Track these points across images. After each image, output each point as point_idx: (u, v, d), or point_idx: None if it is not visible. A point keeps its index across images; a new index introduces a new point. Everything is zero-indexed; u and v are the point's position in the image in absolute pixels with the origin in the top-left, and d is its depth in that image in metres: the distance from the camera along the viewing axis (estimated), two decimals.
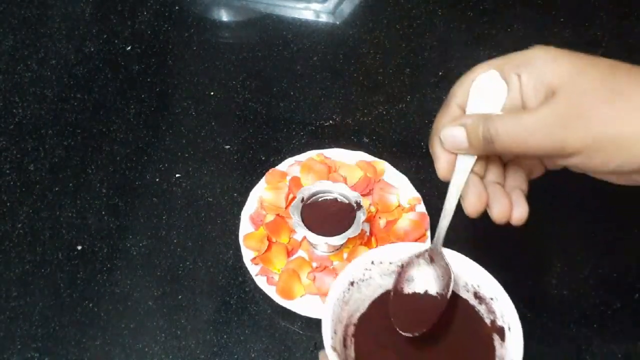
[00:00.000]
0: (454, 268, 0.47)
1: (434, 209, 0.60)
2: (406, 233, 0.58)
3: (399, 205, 0.60)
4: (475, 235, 0.60)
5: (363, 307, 0.48)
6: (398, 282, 0.47)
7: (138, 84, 0.70)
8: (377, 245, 0.58)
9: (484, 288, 0.47)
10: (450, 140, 0.45)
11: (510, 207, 0.47)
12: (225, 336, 0.55)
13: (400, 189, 0.61)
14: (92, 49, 0.73)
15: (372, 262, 0.48)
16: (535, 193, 0.63)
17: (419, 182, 0.61)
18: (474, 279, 0.47)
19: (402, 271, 0.47)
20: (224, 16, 0.79)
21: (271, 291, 0.55)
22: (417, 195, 0.60)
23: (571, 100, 0.41)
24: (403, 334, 0.45)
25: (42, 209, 0.61)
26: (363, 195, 0.59)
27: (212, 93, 0.70)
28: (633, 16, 0.77)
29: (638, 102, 0.40)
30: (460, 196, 0.46)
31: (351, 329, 0.47)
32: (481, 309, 0.48)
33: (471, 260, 0.47)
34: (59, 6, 0.77)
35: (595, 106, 0.40)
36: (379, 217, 0.60)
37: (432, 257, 0.48)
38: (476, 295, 0.48)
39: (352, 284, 0.47)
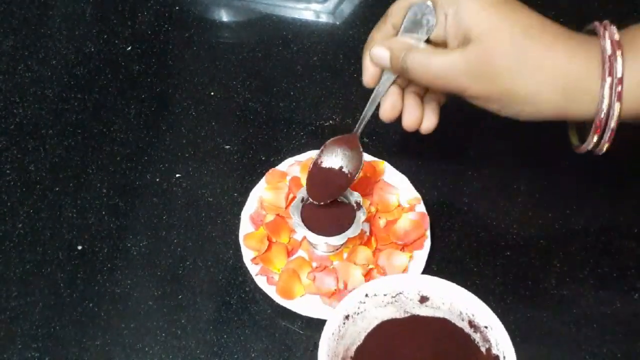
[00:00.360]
0: (449, 298, 0.49)
1: (434, 209, 0.61)
2: (406, 233, 0.58)
3: (399, 205, 0.60)
4: (476, 236, 0.60)
5: (359, 339, 0.49)
6: (319, 157, 0.55)
7: (138, 84, 0.70)
8: (377, 245, 0.58)
9: (478, 317, 0.48)
10: (376, 58, 0.51)
11: (421, 118, 0.54)
12: (225, 336, 0.55)
13: (400, 189, 0.61)
14: (92, 49, 0.73)
15: (367, 295, 0.49)
16: (536, 193, 0.63)
17: (419, 182, 0.62)
18: (468, 308, 0.48)
19: (324, 148, 0.55)
20: (224, 16, 0.79)
21: (271, 291, 0.55)
22: (417, 195, 0.60)
23: (480, 55, 0.46)
24: (314, 201, 0.55)
25: (42, 209, 0.61)
26: (363, 195, 0.59)
27: (212, 93, 0.70)
28: (633, 16, 0.77)
29: (537, 66, 0.45)
30: (379, 103, 0.53)
31: None
32: (476, 337, 0.48)
33: (465, 290, 0.48)
34: (59, 6, 0.77)
35: (500, 67, 0.45)
36: (379, 217, 0.60)
37: (350, 144, 0.55)
38: (471, 324, 0.48)
39: (347, 317, 0.48)
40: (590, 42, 0.47)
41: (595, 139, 0.48)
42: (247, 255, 0.57)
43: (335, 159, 0.56)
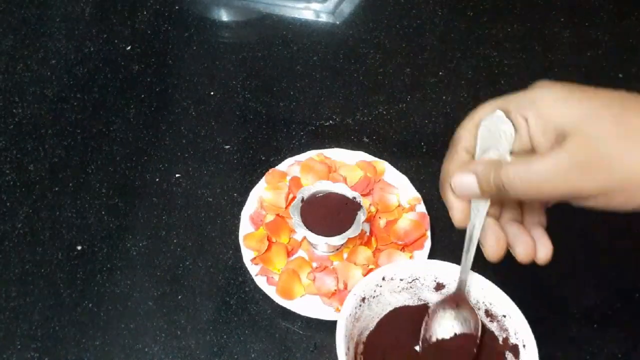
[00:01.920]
0: (466, 286, 0.47)
1: (434, 209, 0.60)
2: (406, 233, 0.58)
3: (399, 205, 0.60)
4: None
5: (372, 325, 0.49)
6: (425, 332, 0.47)
7: (138, 84, 0.70)
8: (377, 245, 0.58)
9: (496, 306, 0.47)
10: (462, 188, 0.44)
11: (534, 245, 0.45)
12: (225, 336, 0.55)
13: (400, 189, 0.61)
14: (92, 49, 0.73)
15: (384, 278, 0.48)
16: None
17: (419, 182, 0.61)
18: (485, 296, 0.47)
19: (427, 320, 0.47)
20: (224, 16, 0.78)
21: (271, 291, 0.55)
22: (417, 195, 0.60)
23: (585, 145, 0.40)
24: None
25: (42, 209, 0.61)
26: (363, 195, 0.59)
27: (212, 93, 0.70)
28: (633, 16, 0.78)
29: None
30: (479, 242, 0.45)
31: (360, 348, 0.48)
32: (492, 326, 0.47)
33: (483, 278, 0.47)
34: (59, 6, 0.77)
35: (611, 151, 0.39)
36: (379, 217, 0.59)
37: (458, 302, 0.47)
38: (487, 313, 0.48)
39: (363, 300, 0.47)
40: None
41: None
42: (247, 255, 0.57)
43: (446, 327, 0.48)
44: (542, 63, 0.74)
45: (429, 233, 0.58)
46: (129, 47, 0.73)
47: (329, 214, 0.56)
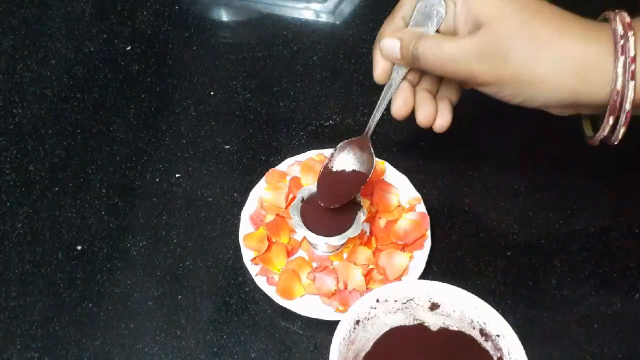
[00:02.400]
0: (461, 306, 0.48)
1: (434, 209, 0.60)
2: (406, 233, 0.58)
3: (399, 205, 0.60)
4: (476, 236, 0.60)
5: (368, 345, 0.48)
6: (329, 161, 0.55)
7: (138, 84, 0.70)
8: (377, 246, 0.58)
9: (490, 325, 0.47)
10: (386, 50, 0.51)
11: (435, 113, 0.53)
12: (225, 336, 0.55)
13: (400, 189, 0.61)
14: (92, 49, 0.73)
15: (377, 300, 0.48)
16: (536, 193, 0.63)
17: (419, 182, 0.61)
18: (480, 316, 0.47)
19: (335, 151, 0.55)
20: (224, 16, 0.78)
21: (271, 291, 0.55)
22: (417, 195, 0.60)
23: (491, 38, 0.46)
24: (325, 205, 0.54)
25: (42, 209, 0.61)
26: (363, 195, 0.59)
27: (212, 93, 0.70)
28: (633, 16, 0.77)
29: (549, 48, 0.45)
30: (390, 100, 0.53)
31: None
32: (487, 346, 0.48)
33: (477, 298, 0.47)
34: (59, 6, 0.77)
35: (510, 47, 0.46)
36: (379, 217, 0.59)
37: (361, 146, 0.55)
38: (482, 332, 0.48)
39: (357, 322, 0.47)
40: (601, 26, 0.47)
41: (610, 122, 0.47)
42: (247, 255, 0.57)
43: (346, 162, 0.55)
44: None
45: (429, 233, 0.58)
46: (129, 47, 0.73)
47: (329, 214, 0.56)
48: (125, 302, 0.56)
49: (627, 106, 0.45)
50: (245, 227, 0.58)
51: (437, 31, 0.50)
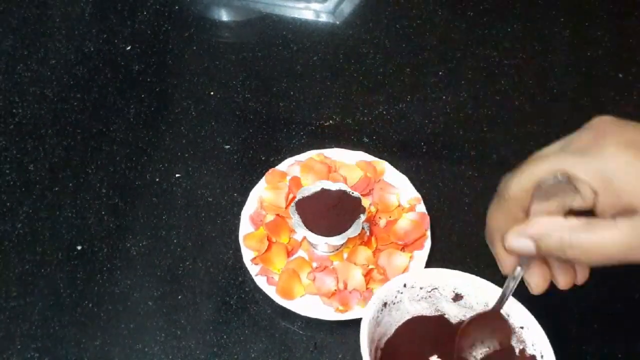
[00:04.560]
0: (485, 298, 0.47)
1: (434, 209, 0.60)
2: (406, 233, 0.58)
3: (399, 205, 0.60)
4: (476, 236, 0.60)
5: (390, 331, 0.48)
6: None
7: (138, 84, 0.70)
8: (377, 245, 0.58)
9: (513, 317, 0.47)
10: (517, 248, 0.42)
11: (574, 273, 0.45)
12: (225, 336, 0.55)
13: (400, 189, 0.61)
14: (92, 49, 0.73)
15: (405, 285, 0.48)
16: None
17: (419, 182, 0.61)
18: (504, 308, 0.47)
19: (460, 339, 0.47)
20: (224, 16, 0.78)
21: (271, 291, 0.55)
22: (417, 195, 0.60)
23: None
24: None
25: (42, 209, 0.61)
26: (363, 195, 0.59)
27: (212, 93, 0.70)
28: (633, 16, 0.77)
29: None
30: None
31: (378, 353, 0.47)
32: (511, 337, 0.47)
33: (500, 289, 0.47)
34: (59, 6, 0.77)
35: None
36: (379, 217, 0.59)
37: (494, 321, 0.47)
38: None
39: (385, 305, 0.47)
40: None
41: None
42: (247, 255, 0.57)
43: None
44: (542, 63, 0.74)
45: (429, 233, 0.58)
46: (129, 47, 0.73)
47: (329, 213, 0.56)
48: (125, 302, 0.56)
49: None
50: (245, 227, 0.58)
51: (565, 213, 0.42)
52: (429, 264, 0.57)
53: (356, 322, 0.54)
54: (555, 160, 0.41)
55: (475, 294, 0.48)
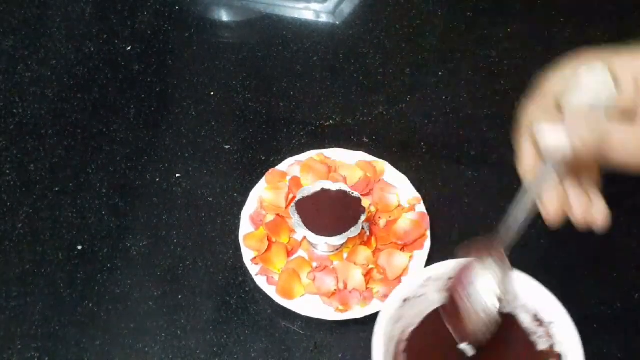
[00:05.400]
0: (514, 288, 0.46)
1: (434, 209, 0.60)
2: (406, 233, 0.58)
3: (399, 205, 0.60)
4: (476, 236, 0.60)
5: (415, 322, 0.47)
6: (462, 289, 0.45)
7: (138, 84, 0.70)
8: (377, 245, 0.58)
9: (544, 311, 0.45)
10: (549, 141, 0.37)
11: (590, 203, 0.42)
12: (225, 336, 0.55)
13: (400, 189, 0.61)
14: (92, 49, 0.73)
15: (429, 278, 0.47)
16: None
17: (419, 182, 0.61)
18: (534, 300, 0.46)
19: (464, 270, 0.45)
20: (224, 16, 0.79)
21: (271, 291, 0.55)
22: (417, 195, 0.60)
23: None
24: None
25: (42, 209, 0.61)
26: (363, 195, 0.59)
27: (212, 93, 0.70)
28: (633, 16, 0.77)
29: None
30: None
31: (403, 345, 0.46)
32: (539, 331, 0.46)
33: (533, 280, 0.46)
34: (59, 6, 0.77)
35: None
36: (379, 217, 0.60)
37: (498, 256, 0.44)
38: (535, 318, 0.46)
39: (405, 300, 0.46)
40: None
41: None
42: (247, 255, 0.57)
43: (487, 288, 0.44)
44: (542, 63, 0.73)
45: (428, 233, 0.58)
46: (129, 47, 0.74)
47: (329, 213, 0.56)
48: (126, 302, 0.56)
49: None
50: (245, 227, 0.58)
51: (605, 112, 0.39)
52: (429, 263, 0.57)
53: (356, 322, 0.54)
54: (597, 56, 0.39)
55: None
